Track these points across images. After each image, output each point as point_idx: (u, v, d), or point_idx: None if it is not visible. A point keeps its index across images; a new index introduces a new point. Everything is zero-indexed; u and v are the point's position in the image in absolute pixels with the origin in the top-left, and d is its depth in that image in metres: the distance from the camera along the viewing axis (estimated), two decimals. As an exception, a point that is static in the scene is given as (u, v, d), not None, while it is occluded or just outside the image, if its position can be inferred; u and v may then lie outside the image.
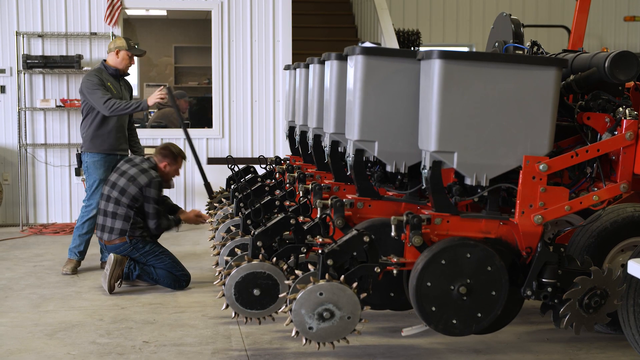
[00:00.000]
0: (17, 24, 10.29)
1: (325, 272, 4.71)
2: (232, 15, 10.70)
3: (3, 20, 10.28)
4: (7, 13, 10.30)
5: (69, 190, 10.49)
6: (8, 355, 5.32)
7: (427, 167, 4.80)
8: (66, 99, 10.30)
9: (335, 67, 5.73)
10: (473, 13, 16.11)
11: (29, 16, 10.33)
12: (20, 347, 5.49)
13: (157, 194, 7.19)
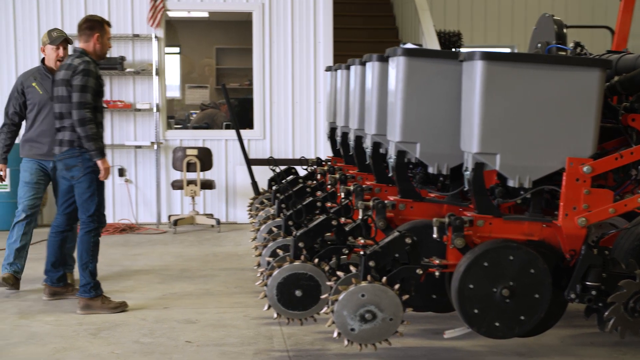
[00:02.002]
0: (62, 26, 10.41)
1: (367, 274, 4.71)
2: (273, 17, 10.74)
3: (48, 24, 10.39)
4: (52, 16, 10.43)
5: (112, 190, 10.58)
6: (54, 353, 5.39)
7: (470, 169, 4.78)
8: (109, 100, 10.40)
9: (376, 69, 5.73)
10: (515, 14, 16.00)
11: (72, 19, 10.44)
12: (66, 345, 5.56)
13: (81, 79, 6.27)
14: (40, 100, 7.02)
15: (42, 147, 7.00)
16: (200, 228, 10.34)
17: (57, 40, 7.03)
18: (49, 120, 6.91)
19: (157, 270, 7.87)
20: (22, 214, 7.02)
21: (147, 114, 10.62)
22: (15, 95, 7.11)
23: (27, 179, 7.03)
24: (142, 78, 10.59)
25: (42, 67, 7.13)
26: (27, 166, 7.06)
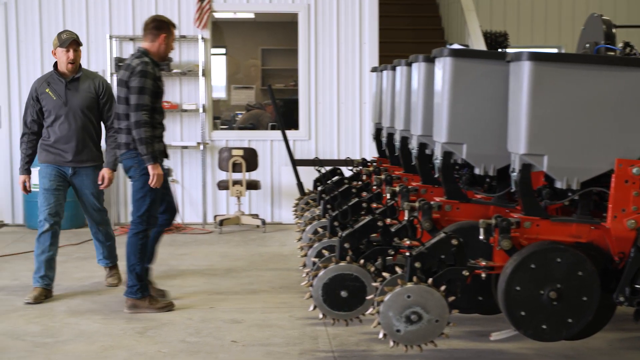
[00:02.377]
0: (110, 27, 10.53)
1: (413, 275, 4.70)
2: (319, 18, 10.75)
3: (97, 25, 10.53)
4: (101, 17, 10.54)
5: (158, 191, 10.65)
6: (101, 351, 5.45)
7: (517, 170, 4.75)
8: (156, 101, 10.47)
9: (422, 69, 5.71)
10: (562, 13, 15.85)
11: (120, 20, 10.56)
12: (113, 343, 5.62)
13: (139, 81, 6.24)
14: (55, 106, 6.87)
15: (60, 153, 6.89)
16: (245, 228, 10.39)
17: (66, 42, 6.84)
18: (65, 125, 6.85)
19: (202, 270, 7.93)
20: (45, 223, 6.78)
21: (194, 115, 10.69)
22: (31, 102, 6.94)
23: (47, 186, 6.85)
24: (188, 79, 10.66)
25: (54, 71, 6.96)
26: (45, 172, 6.89)
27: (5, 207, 10.58)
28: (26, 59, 10.45)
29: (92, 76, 7.08)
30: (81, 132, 6.90)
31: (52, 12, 10.46)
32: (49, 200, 6.81)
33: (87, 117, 6.93)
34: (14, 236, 9.75)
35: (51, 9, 10.47)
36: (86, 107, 6.91)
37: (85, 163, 6.93)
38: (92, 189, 7.00)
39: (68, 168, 6.89)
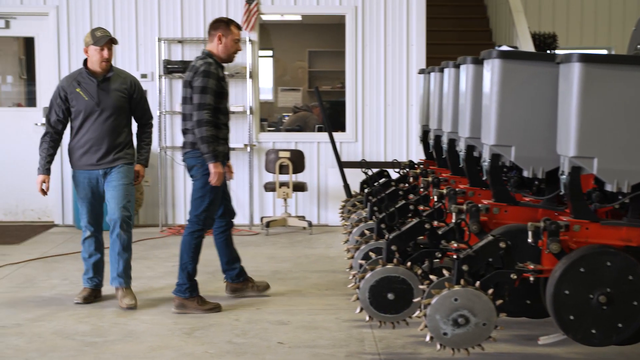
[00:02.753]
0: (159, 30, 10.62)
1: (460, 278, 4.68)
2: (366, 20, 10.75)
3: (146, 27, 10.63)
4: (150, 20, 10.64)
5: (206, 192, 10.72)
6: (149, 351, 5.50)
7: (566, 173, 4.70)
8: (204, 103, 10.53)
9: (471, 71, 5.69)
10: (612, 14, 15.66)
11: (169, 23, 10.65)
12: (161, 344, 5.66)
13: (202, 81, 6.34)
14: (85, 107, 6.59)
15: (90, 156, 6.63)
16: (292, 230, 10.41)
17: (101, 40, 6.56)
18: (96, 127, 6.61)
19: (249, 271, 7.93)
20: (86, 230, 6.73)
21: (241, 117, 10.74)
22: (57, 101, 6.64)
23: (81, 195, 6.70)
24: (236, 81, 10.72)
25: (84, 70, 6.66)
26: (78, 180, 6.71)
27: (56, 208, 10.72)
28: (77, 62, 10.56)
29: (123, 75, 6.80)
30: (113, 133, 6.65)
31: (102, 15, 10.58)
32: (85, 209, 6.71)
33: (118, 117, 6.67)
34: (64, 236, 9.87)
35: (101, 12, 10.59)
36: (118, 107, 6.66)
37: (117, 162, 6.68)
38: (119, 182, 6.64)
39: (100, 171, 6.66)
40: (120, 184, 6.65)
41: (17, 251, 8.96)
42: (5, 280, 7.57)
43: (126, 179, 6.69)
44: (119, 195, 6.62)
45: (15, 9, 10.66)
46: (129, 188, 6.69)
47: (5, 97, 11.47)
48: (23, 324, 6.16)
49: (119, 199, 6.62)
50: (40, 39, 10.79)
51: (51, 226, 10.63)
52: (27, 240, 9.65)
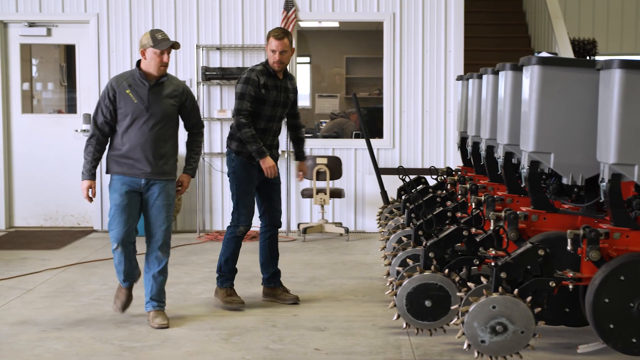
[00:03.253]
0: (198, 37, 10.69)
1: (498, 285, 4.66)
2: (403, 26, 10.73)
3: (185, 34, 10.70)
4: (189, 27, 10.71)
5: (243, 199, 10.76)
6: (187, 356, 5.53)
7: (606, 180, 4.67)
8: (242, 110, 10.58)
9: (509, 78, 5.67)
10: (653, 20, 15.52)
11: (208, 30, 10.71)
12: (198, 349, 5.69)
13: (240, 87, 6.68)
14: (134, 110, 6.19)
15: (134, 163, 6.22)
16: (329, 236, 10.42)
17: (162, 44, 6.18)
18: (142, 132, 6.20)
19: (286, 277, 7.96)
20: (115, 244, 6.26)
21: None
22: (105, 102, 6.24)
23: (117, 201, 6.24)
24: (273, 88, 10.74)
25: (137, 71, 6.27)
26: (116, 186, 6.27)
27: (95, 214, 10.82)
28: (116, 69, 10.66)
29: (175, 82, 6.46)
30: (159, 141, 6.26)
31: (142, 23, 10.67)
32: (119, 218, 6.24)
33: (166, 125, 6.29)
34: (103, 242, 9.95)
35: (141, 19, 10.68)
36: (167, 115, 6.29)
37: (160, 176, 6.29)
38: (163, 202, 6.32)
39: (141, 180, 6.25)
40: (165, 205, 6.32)
41: (57, 256, 9.05)
42: (46, 285, 7.65)
43: (170, 197, 6.36)
44: (162, 217, 6.32)
45: (57, 17, 10.78)
46: (171, 208, 6.39)
47: (46, 104, 11.60)
48: (62, 328, 6.22)
49: (162, 221, 6.31)
50: (81, 46, 10.91)
51: (90, 232, 10.72)
52: (67, 245, 9.74)
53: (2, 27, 10.78)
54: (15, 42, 10.87)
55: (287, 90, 6.95)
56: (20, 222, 11.00)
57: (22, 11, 10.74)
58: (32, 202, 10.94)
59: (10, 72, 10.89)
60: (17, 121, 10.93)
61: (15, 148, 10.94)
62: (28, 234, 10.45)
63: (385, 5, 10.73)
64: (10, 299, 7.05)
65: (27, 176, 10.92)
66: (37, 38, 10.91)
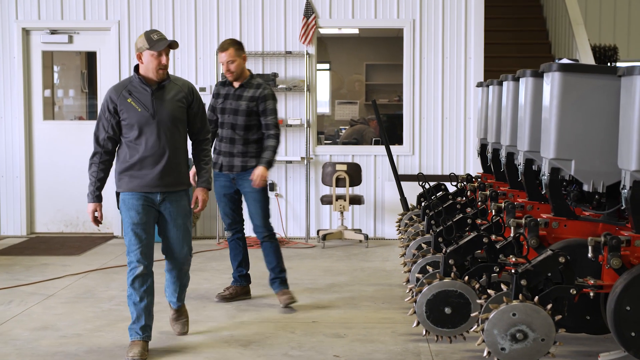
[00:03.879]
0: (218, 44, 10.72)
1: (518, 293, 4.64)
2: (423, 33, 10.73)
3: (205, 41, 10.74)
4: (209, 35, 10.75)
5: (263, 205, 10.77)
6: (206, 363, 5.54)
7: (627, 187, 4.64)
8: (262, 116, 10.60)
9: (530, 84, 5.65)
10: (675, 26, 15.43)
11: (228, 37, 10.71)
12: (218, 356, 5.69)
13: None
14: (139, 119, 5.63)
15: (146, 176, 5.67)
16: (348, 243, 10.41)
17: (159, 44, 5.70)
18: (152, 142, 5.64)
19: (305, 284, 7.97)
20: (138, 266, 5.67)
21: (298, 130, 10.79)
22: (105, 115, 5.69)
23: (136, 220, 5.65)
24: (293, 94, 10.77)
25: (136, 77, 5.74)
26: (131, 204, 5.67)
27: (115, 220, 10.85)
28: (136, 75, 10.73)
29: (179, 82, 5.90)
30: (171, 149, 5.71)
31: (162, 29, 10.70)
32: (140, 237, 5.66)
33: (176, 131, 5.77)
34: (123, 248, 9.93)
35: (161, 26, 10.72)
36: (176, 119, 5.75)
37: (175, 187, 5.79)
38: (182, 219, 5.86)
39: (156, 194, 5.72)
40: (184, 222, 5.85)
41: (77, 262, 9.10)
42: (66, 290, 7.68)
43: (187, 210, 5.90)
44: (184, 234, 5.87)
45: (79, 25, 10.85)
46: (190, 220, 5.95)
47: (68, 111, 11.67)
48: (83, 334, 6.25)
49: (184, 237, 5.88)
50: (101, 53, 10.97)
51: (110, 237, 10.76)
52: (87, 251, 9.78)
53: (24, 34, 10.86)
54: (37, 49, 10.95)
55: (240, 98, 7.06)
56: (41, 228, 11.06)
57: (44, 19, 10.81)
58: (52, 208, 11.01)
59: (32, 79, 10.97)
60: (39, 128, 11.00)
61: (36, 154, 11.01)
62: (49, 240, 10.50)
63: (405, 12, 10.73)
64: (31, 305, 7.09)
65: (48, 182, 10.98)
66: (58, 45, 10.98)
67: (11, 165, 10.91)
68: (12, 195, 10.93)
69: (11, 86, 10.86)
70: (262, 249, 7.15)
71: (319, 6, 10.76)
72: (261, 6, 10.75)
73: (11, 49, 10.85)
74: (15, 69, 10.84)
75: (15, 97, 10.86)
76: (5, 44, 10.86)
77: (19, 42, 10.81)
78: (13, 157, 10.90)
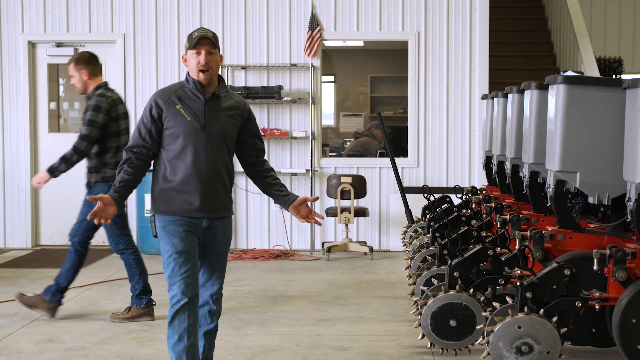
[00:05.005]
0: (223, 56, 10.73)
1: (524, 305, 4.63)
2: (428, 45, 10.74)
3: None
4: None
5: (267, 217, 10.79)
6: (211, 375, 5.52)
7: (633, 200, 4.64)
8: (267, 129, 10.63)
9: (535, 97, 5.66)
10: (680, 38, 15.44)
11: (234, 49, 10.77)
12: (222, 368, 5.69)
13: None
14: (187, 130, 4.80)
15: (191, 198, 4.80)
16: (353, 255, 10.40)
17: (195, 41, 4.83)
18: (199, 158, 4.80)
19: (310, 296, 7.96)
20: (181, 298, 4.74)
21: (303, 142, 10.80)
22: (145, 121, 4.86)
23: (179, 247, 4.77)
24: (298, 106, 10.78)
25: (189, 82, 4.89)
26: (172, 229, 4.80)
27: (120, 232, 10.86)
28: (142, 88, 10.76)
29: (235, 97, 5.06)
30: (218, 169, 4.86)
31: (168, 42, 10.75)
32: (184, 267, 4.77)
33: (225, 149, 4.91)
34: (128, 260, 9.97)
35: (167, 39, 10.76)
36: (228, 135, 4.91)
37: (220, 212, 4.93)
38: (224, 248, 5.01)
39: (201, 220, 4.84)
40: (225, 251, 5.03)
41: (82, 274, 9.04)
42: (71, 303, 7.68)
43: (229, 239, 5.06)
44: (219, 266, 5.00)
45: (84, 37, 10.88)
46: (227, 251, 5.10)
47: (73, 123, 11.68)
48: (88, 346, 6.25)
49: (222, 269, 5.02)
50: (107, 66, 10.98)
51: (115, 250, 10.76)
52: (92, 263, 9.79)
53: (30, 47, 10.90)
54: (43, 62, 10.99)
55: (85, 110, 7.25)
56: (46, 240, 11.06)
57: (50, 32, 10.85)
58: (58, 220, 11.01)
59: (37, 91, 11.00)
60: (44, 140, 11.02)
61: (42, 167, 11.00)
62: (54, 253, 10.51)
63: (410, 24, 10.75)
64: (36, 317, 7.09)
65: (53, 194, 10.98)
66: (64, 58, 10.98)
67: (17, 177, 10.94)
68: (18, 207, 10.95)
69: (17, 99, 10.90)
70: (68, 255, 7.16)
71: (324, 19, 10.78)
72: (266, 19, 10.77)
73: (17, 62, 10.89)
74: (21, 82, 10.88)
75: (21, 110, 10.89)
76: (11, 57, 10.90)
77: (24, 55, 10.85)
78: (18, 170, 10.93)
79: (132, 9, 10.78)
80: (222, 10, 10.76)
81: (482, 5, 10.66)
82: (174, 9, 10.77)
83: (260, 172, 5.09)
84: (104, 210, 4.74)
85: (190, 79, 4.86)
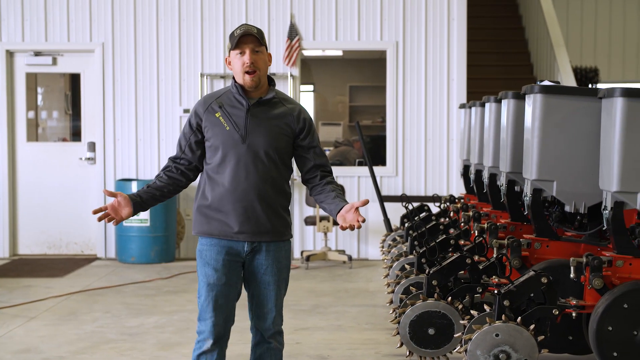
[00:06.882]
0: (202, 66, 10.74)
1: (501, 313, 4.66)
2: (407, 55, 10.79)
3: (189, 63, 10.76)
4: (193, 56, 10.77)
5: (246, 226, 10.77)
6: (190, 384, 5.51)
7: (609, 208, 4.68)
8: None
9: (512, 106, 5.70)
10: (655, 48, 15.59)
11: (212, 58, 10.77)
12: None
13: None
14: (225, 141, 4.28)
15: (227, 218, 4.28)
16: (332, 264, 10.42)
17: (237, 39, 4.26)
18: (237, 173, 4.26)
19: (289, 305, 7.95)
20: (207, 338, 4.35)
21: (282, 151, 10.79)
22: (185, 130, 4.40)
23: (212, 278, 4.30)
24: (277, 116, 10.78)
25: (235, 86, 4.34)
26: (207, 256, 4.32)
27: (98, 241, 10.82)
28: (121, 97, 10.73)
29: (289, 103, 4.43)
30: (262, 186, 4.29)
31: (147, 51, 10.73)
32: (215, 303, 4.32)
33: (271, 165, 4.33)
34: (107, 269, 9.96)
35: (146, 48, 10.74)
36: (275, 147, 4.33)
37: (265, 236, 4.34)
38: (274, 277, 4.42)
39: (243, 244, 4.31)
40: (276, 280, 4.44)
41: (60, 284, 9.06)
42: (49, 312, 7.65)
43: (284, 268, 4.48)
44: (273, 298, 4.47)
45: (63, 46, 10.85)
46: (286, 283, 4.56)
47: (51, 132, 11.64)
48: (65, 356, 6.22)
49: (274, 303, 4.48)
50: (85, 75, 10.98)
51: (94, 259, 10.72)
52: (70, 273, 9.74)
53: (8, 56, 10.85)
54: (21, 71, 10.94)
55: None
56: (24, 249, 11.00)
57: (29, 41, 10.81)
58: (36, 230, 10.96)
59: (15, 100, 10.95)
60: (22, 149, 10.97)
61: (20, 176, 10.97)
62: (32, 262, 10.46)
63: (388, 34, 10.79)
64: (13, 327, 7.05)
65: (31, 204, 10.94)
66: (42, 67, 10.98)
67: (-6, 187, 10.88)
68: (-5, 217, 10.90)
69: (-6, 108, 10.85)
70: None
71: (303, 28, 10.81)
72: (245, 28, 10.78)
73: (-5, 70, 10.85)
74: (-2, 91, 10.84)
75: (-2, 119, 10.85)
76: (-12, 66, 10.85)
77: (2, 64, 10.79)
78: (-4, 179, 10.88)
79: (111, 18, 10.75)
80: (201, 19, 10.76)
81: (460, 15, 10.72)
82: (153, 19, 10.76)
83: (316, 187, 4.51)
84: (115, 210, 4.26)
85: (234, 84, 4.33)
